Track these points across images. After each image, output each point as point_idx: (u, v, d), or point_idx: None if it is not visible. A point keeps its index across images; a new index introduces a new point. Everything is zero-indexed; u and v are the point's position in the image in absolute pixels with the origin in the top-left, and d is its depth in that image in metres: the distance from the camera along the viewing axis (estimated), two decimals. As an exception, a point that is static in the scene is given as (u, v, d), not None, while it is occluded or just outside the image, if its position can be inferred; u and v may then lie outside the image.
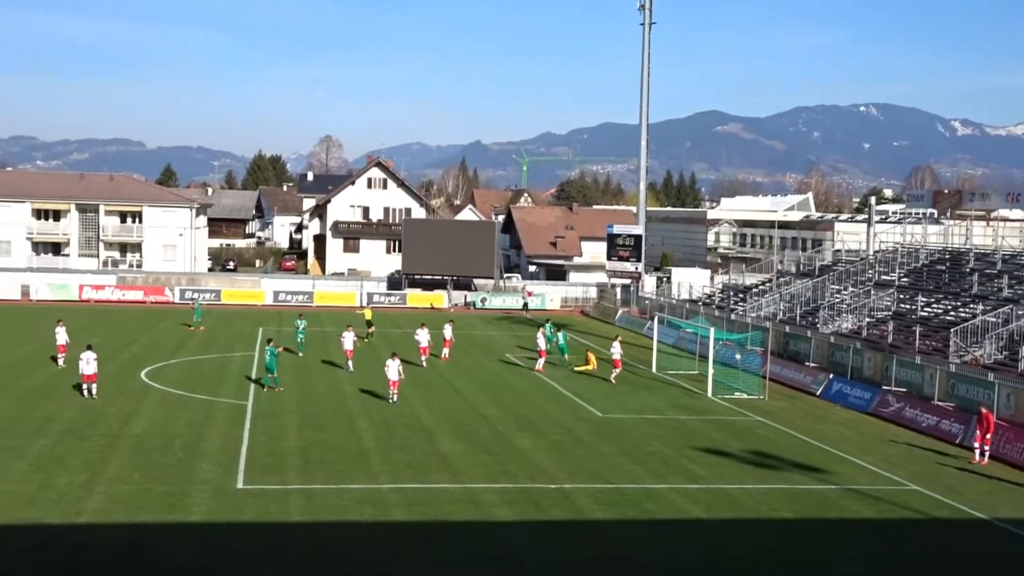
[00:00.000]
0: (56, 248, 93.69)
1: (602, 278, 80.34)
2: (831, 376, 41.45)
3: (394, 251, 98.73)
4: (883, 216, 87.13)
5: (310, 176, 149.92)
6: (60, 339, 42.04)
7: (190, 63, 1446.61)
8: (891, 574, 19.76)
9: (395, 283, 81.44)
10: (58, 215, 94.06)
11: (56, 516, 21.22)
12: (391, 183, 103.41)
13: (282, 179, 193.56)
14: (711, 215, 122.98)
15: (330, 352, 47.88)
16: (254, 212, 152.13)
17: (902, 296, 50.35)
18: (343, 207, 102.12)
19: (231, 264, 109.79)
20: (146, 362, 43.35)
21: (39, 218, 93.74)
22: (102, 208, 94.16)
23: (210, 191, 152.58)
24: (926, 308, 47.83)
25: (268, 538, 20.28)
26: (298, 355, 45.44)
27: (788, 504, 24.10)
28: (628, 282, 74.54)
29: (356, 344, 43.27)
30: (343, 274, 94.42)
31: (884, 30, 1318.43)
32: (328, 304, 74.28)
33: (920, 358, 39.39)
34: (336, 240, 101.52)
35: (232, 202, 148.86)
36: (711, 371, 40.85)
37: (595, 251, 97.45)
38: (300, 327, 47.72)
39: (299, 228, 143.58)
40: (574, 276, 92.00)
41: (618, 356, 42.50)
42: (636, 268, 73.33)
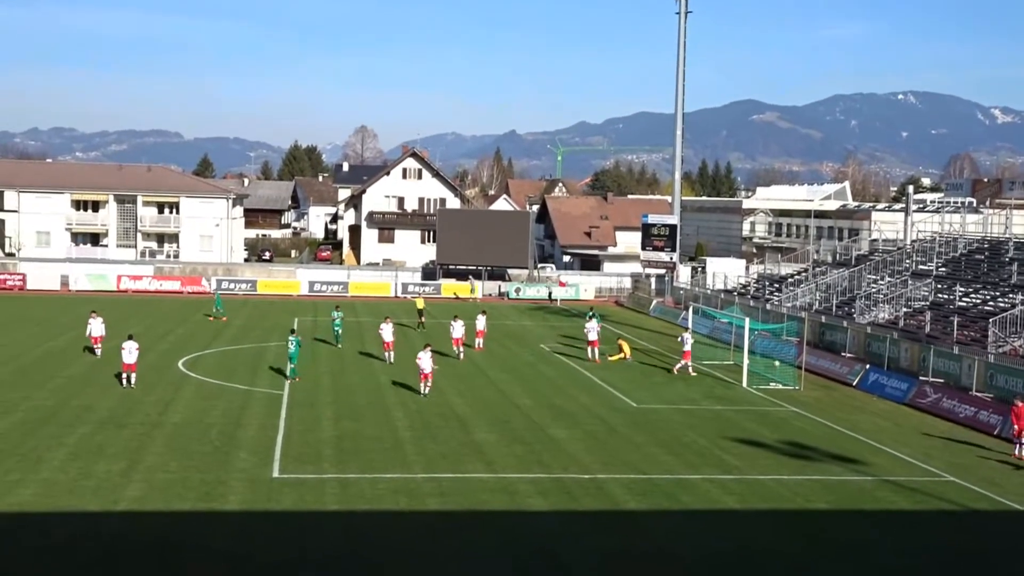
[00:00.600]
0: (95, 239, 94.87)
1: (637, 268, 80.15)
2: (867, 367, 41.09)
3: (429, 241, 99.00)
4: (921, 205, 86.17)
5: (345, 167, 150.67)
6: (96, 330, 41.97)
7: (227, 55, 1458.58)
8: (927, 566, 19.58)
9: (430, 273, 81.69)
10: (97, 206, 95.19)
11: (95, 504, 21.51)
12: (426, 173, 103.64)
13: (318, 170, 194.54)
14: (746, 204, 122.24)
15: (366, 343, 48.14)
16: (290, 203, 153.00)
17: (940, 286, 49.79)
18: (378, 197, 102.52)
19: (267, 254, 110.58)
20: (183, 352, 43.79)
21: (78, 209, 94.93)
22: (140, 199, 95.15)
23: (246, 182, 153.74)
24: (964, 298, 47.27)
25: (304, 527, 20.44)
26: (336, 346, 45.73)
27: (823, 495, 23.95)
28: (663, 272, 74.30)
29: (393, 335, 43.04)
30: (378, 264, 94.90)
31: (923, 17, 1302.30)
32: (363, 294, 74.63)
33: (958, 348, 38.96)
34: (371, 230, 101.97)
35: (268, 193, 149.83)
36: (746, 361, 40.63)
37: (630, 241, 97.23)
38: (336, 319, 47.96)
39: (334, 218, 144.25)
40: (608, 266, 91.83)
41: (688, 348, 42.24)
42: (671, 258, 73.06)
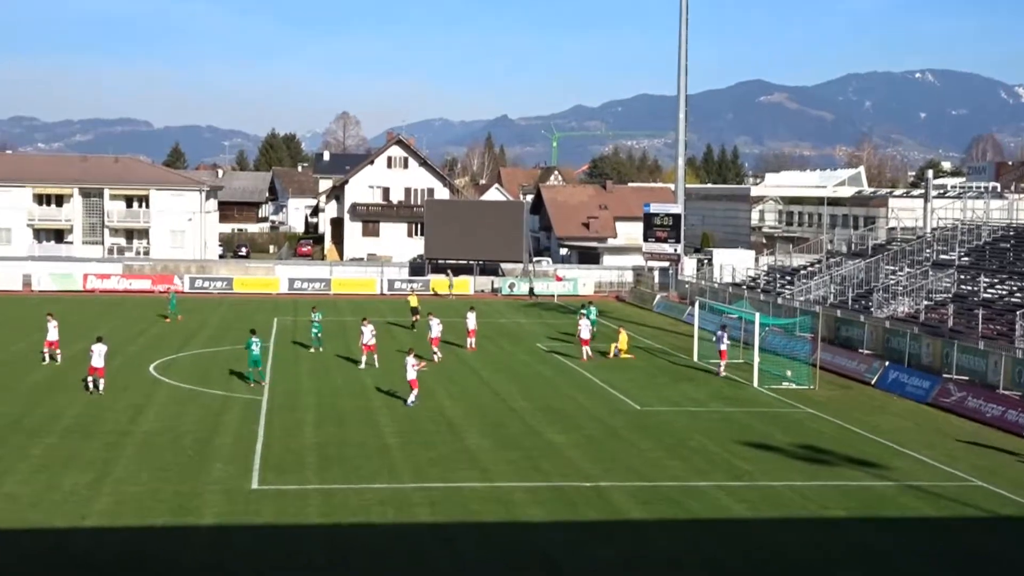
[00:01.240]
0: (59, 235, 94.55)
1: (638, 261, 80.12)
2: (887, 364, 41.09)
3: (416, 235, 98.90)
4: (941, 191, 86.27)
5: (326, 156, 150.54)
6: (50, 335, 41.10)
7: (199, 38, 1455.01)
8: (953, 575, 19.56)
9: (418, 269, 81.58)
10: (61, 200, 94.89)
11: (61, 520, 21.39)
12: (412, 162, 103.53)
13: (297, 159, 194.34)
14: (755, 192, 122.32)
15: (349, 344, 48.09)
16: (267, 195, 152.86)
17: (963, 277, 49.80)
18: (361, 188, 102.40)
19: (243, 250, 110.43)
20: (155, 355, 43.67)
21: (41, 203, 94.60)
22: (107, 192, 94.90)
23: (220, 173, 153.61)
24: (989, 289, 47.27)
25: (285, 541, 20.34)
26: (317, 351, 45.37)
27: (841, 502, 23.92)
28: (666, 265, 74.20)
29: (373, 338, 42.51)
30: (362, 260, 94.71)
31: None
32: (347, 292, 74.51)
33: (983, 343, 38.93)
34: (354, 223, 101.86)
35: (244, 184, 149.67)
36: (756, 360, 40.63)
37: (631, 232, 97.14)
38: (315, 319, 47.25)
39: (315, 211, 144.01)
40: (608, 259, 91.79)
41: (725, 347, 42.10)
42: (675, 250, 73.03)
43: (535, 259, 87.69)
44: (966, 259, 52.35)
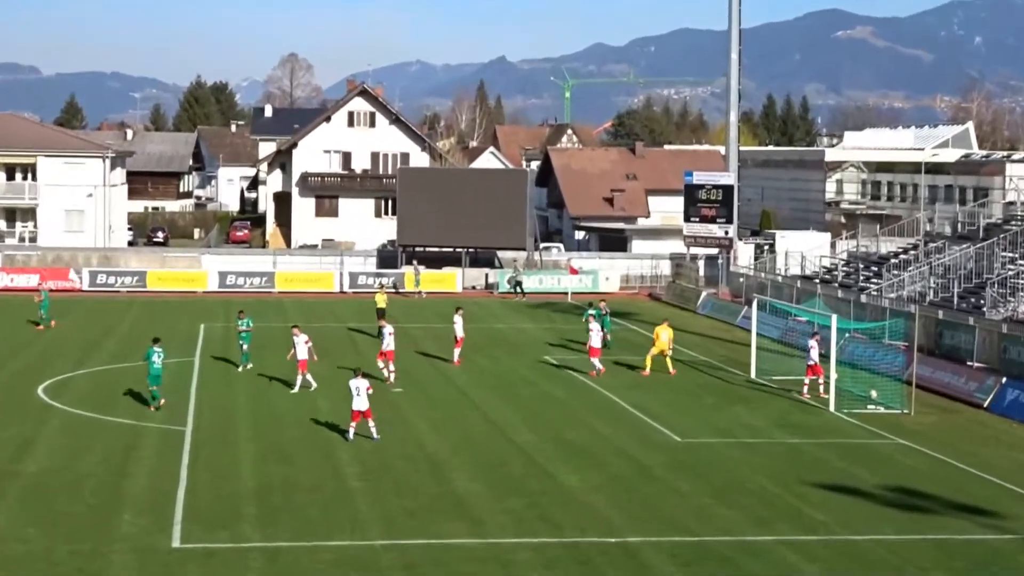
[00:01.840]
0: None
1: (678, 247, 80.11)
2: (1003, 380, 41.10)
3: (386, 214, 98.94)
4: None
5: (268, 111, 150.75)
6: None
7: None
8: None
9: (388, 258, 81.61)
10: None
11: (-78, 589, 21.43)
12: (381, 118, 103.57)
13: (229, 116, 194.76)
14: (830, 156, 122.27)
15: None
16: (191, 163, 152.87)
17: (1103, 266, 49.78)
18: (315, 153, 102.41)
19: (160, 235, 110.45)
20: (44, 373, 43.64)
21: None
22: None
23: (130, 134, 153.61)
24: None
25: (216, 616, 20.36)
26: (245, 368, 45.00)
27: (943, 561, 23.95)
28: (715, 253, 74.18)
29: (311, 353, 42.06)
30: (316, 247, 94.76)
31: None
32: (295, 290, 74.51)
33: None
34: (305, 200, 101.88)
35: (161, 149, 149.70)
36: (833, 375, 40.65)
37: (668, 209, 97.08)
38: (242, 328, 46.59)
39: (253, 184, 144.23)
40: (639, 245, 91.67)
41: (815, 360, 42.09)
42: (726, 233, 73.04)
43: (542, 246, 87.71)
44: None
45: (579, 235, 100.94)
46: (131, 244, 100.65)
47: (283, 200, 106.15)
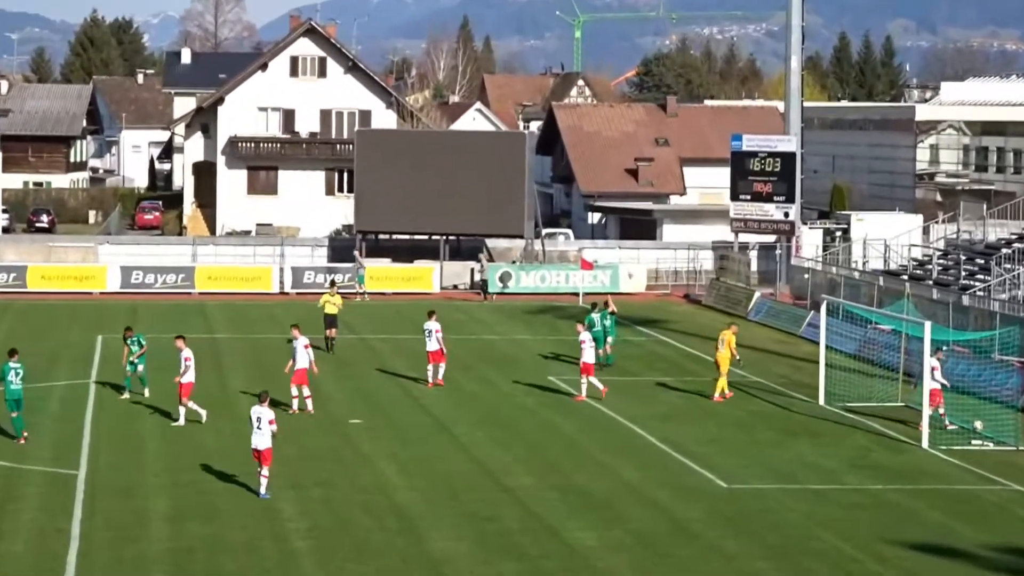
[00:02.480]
0: None
1: (723, 234, 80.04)
2: None
3: (341, 191, 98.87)
4: None
5: (186, 56, 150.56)
6: None
7: None
8: None
9: (343, 249, 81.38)
10: None
11: None
12: (333, 66, 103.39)
13: (135, 63, 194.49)
14: (922, 114, 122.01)
15: (224, 375, 48.19)
16: (85, 124, 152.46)
17: None
18: (247, 112, 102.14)
19: (45, 219, 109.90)
20: None
21: None
22: None
23: (4, 86, 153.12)
24: None
25: None
26: (141, 396, 44.68)
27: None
28: (771, 241, 74.08)
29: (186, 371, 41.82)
30: (248, 234, 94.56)
31: None
32: (221, 290, 74.38)
33: None
34: (235, 172, 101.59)
35: (45, 106, 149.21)
36: (926, 401, 40.65)
37: (709, 184, 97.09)
38: (134, 346, 45.83)
39: (167, 152, 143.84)
40: (671, 231, 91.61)
41: (938, 384, 41.59)
42: (786, 215, 72.88)
43: (545, 232, 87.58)
44: None
45: (593, 218, 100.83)
46: (6, 231, 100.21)
47: (205, 173, 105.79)
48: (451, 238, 79.23)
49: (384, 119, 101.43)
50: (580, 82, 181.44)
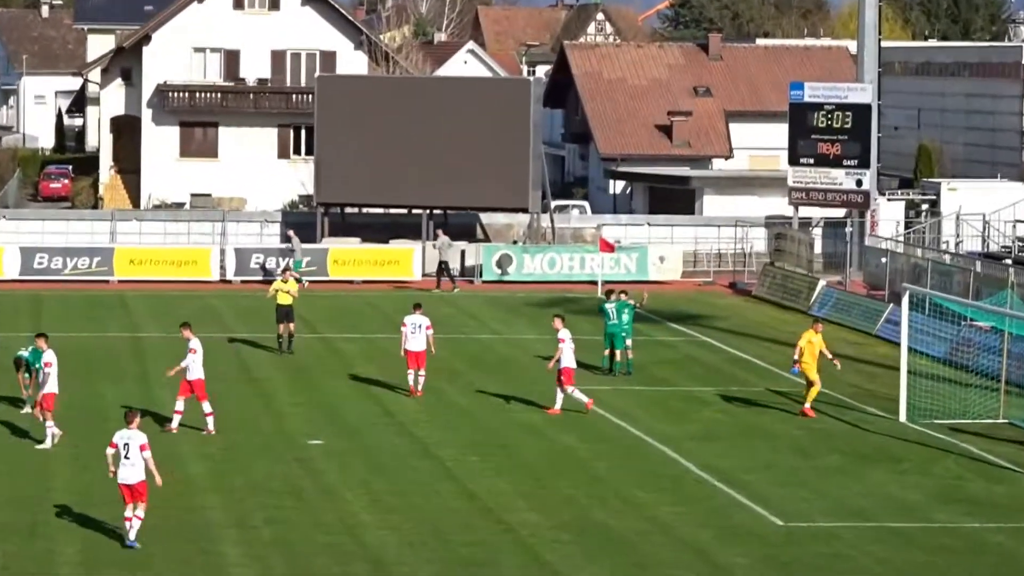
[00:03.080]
0: None
1: (780, 208, 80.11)
2: None
3: (297, 153, 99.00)
4: None
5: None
6: None
7: None
8: None
9: (300, 227, 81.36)
10: None
11: None
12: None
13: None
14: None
15: (149, 385, 48.35)
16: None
17: None
18: (179, 53, 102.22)
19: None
20: None
21: None
22: None
23: None
24: None
25: None
26: (22, 410, 44.64)
27: None
28: (843, 217, 74.05)
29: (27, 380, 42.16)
30: (182, 207, 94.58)
31: None
32: (149, 278, 74.47)
33: None
34: (164, 129, 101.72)
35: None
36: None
37: (761, 144, 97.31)
38: (26, 354, 45.58)
39: (78, 104, 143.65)
40: (714, 204, 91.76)
41: None
42: (859, 183, 72.88)
43: (555, 205, 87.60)
44: None
45: (616, 187, 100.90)
46: None
47: (127, 130, 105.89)
48: (437, 213, 79.20)
49: (352, 62, 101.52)
50: (599, 16, 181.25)
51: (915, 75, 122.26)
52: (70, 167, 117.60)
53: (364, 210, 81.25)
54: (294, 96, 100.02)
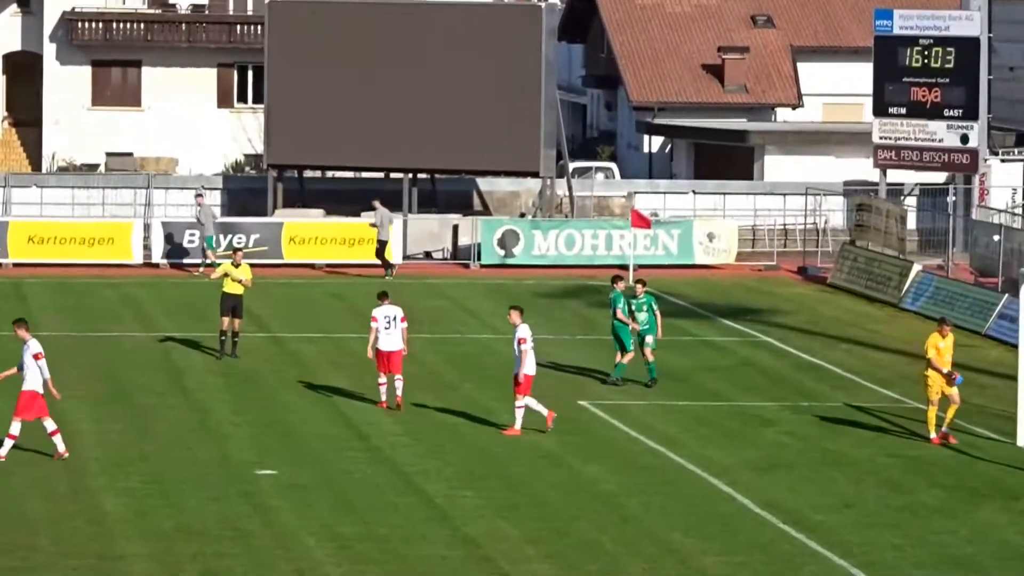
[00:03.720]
0: None
1: (862, 171, 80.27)
2: None
3: (242, 101, 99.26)
4: None
5: None
6: None
7: None
8: None
9: (246, 194, 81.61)
10: None
11: None
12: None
13: None
14: None
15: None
16: None
17: None
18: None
19: None
20: None
21: None
22: None
23: None
24: None
25: None
26: None
27: None
28: (940, 182, 74.13)
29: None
30: (95, 168, 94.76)
31: None
32: (53, 260, 74.64)
33: None
34: (72, 70, 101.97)
35: None
36: None
37: (836, 86, 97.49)
38: None
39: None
40: (777, 165, 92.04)
41: None
42: (964, 140, 72.91)
43: (574, 167, 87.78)
44: None
45: (652, 144, 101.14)
46: None
47: (25, 71, 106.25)
48: (422, 178, 79.31)
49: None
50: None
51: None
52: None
53: (328, 174, 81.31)
54: (239, 27, 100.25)
